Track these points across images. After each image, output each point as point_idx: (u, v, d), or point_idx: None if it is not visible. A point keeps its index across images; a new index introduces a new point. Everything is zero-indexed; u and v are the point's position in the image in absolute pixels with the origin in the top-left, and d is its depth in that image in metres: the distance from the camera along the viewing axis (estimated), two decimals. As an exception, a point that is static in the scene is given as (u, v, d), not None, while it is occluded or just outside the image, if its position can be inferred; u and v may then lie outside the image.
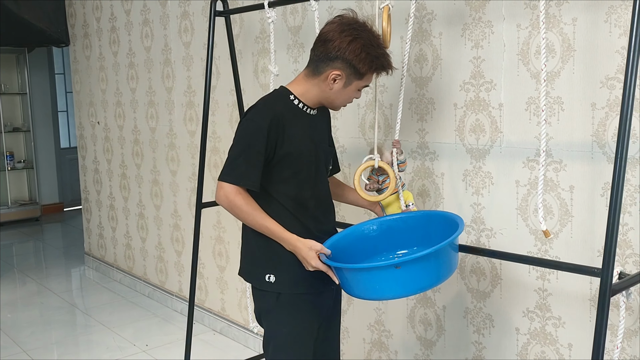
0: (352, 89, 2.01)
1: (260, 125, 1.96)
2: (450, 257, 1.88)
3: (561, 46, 2.06)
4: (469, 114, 2.36)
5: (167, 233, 4.36)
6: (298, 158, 2.02)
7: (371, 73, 1.99)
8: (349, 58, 1.93)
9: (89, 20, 5.01)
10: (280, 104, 2.04)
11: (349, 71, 1.96)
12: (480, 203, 2.37)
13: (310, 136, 2.07)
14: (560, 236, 2.15)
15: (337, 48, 1.94)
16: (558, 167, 2.12)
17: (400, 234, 2.13)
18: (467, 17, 2.32)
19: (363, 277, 1.87)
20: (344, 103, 2.08)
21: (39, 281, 5.17)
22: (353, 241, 2.12)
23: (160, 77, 4.18)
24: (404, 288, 1.84)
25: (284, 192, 2.02)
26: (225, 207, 2.00)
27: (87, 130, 5.31)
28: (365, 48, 1.93)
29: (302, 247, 1.97)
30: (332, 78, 1.97)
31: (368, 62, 1.94)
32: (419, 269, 1.80)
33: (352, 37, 1.93)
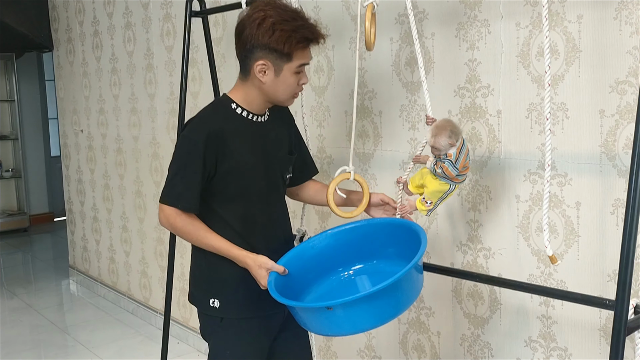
0: (287, 75, 1.81)
1: (195, 143, 1.80)
2: (405, 289, 1.63)
3: (565, 47, 1.85)
4: (464, 121, 2.15)
5: (151, 247, 4.15)
6: (243, 172, 1.85)
7: (297, 50, 1.78)
8: (264, 42, 1.75)
9: (72, 25, 4.82)
10: (219, 116, 1.87)
11: (272, 57, 1.78)
12: (477, 220, 2.16)
13: (259, 146, 1.90)
14: (565, 258, 1.93)
15: (250, 36, 1.77)
16: (563, 181, 1.91)
17: (361, 243, 1.94)
18: (461, 16, 2.11)
19: (302, 314, 1.71)
20: (290, 93, 1.86)
21: (21, 297, 4.95)
22: (311, 256, 1.93)
23: (142, 83, 3.98)
24: (345, 328, 1.64)
25: (230, 210, 1.87)
26: (168, 229, 1.88)
27: (71, 139, 5.10)
28: (278, 25, 1.74)
29: (252, 265, 1.82)
30: (259, 71, 1.80)
31: (285, 39, 1.74)
32: (358, 310, 1.58)
33: (260, 19, 1.76)
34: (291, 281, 1.84)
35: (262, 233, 1.92)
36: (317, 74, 2.69)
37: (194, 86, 3.46)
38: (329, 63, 2.62)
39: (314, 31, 1.79)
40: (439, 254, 2.30)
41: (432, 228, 2.32)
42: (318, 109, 2.71)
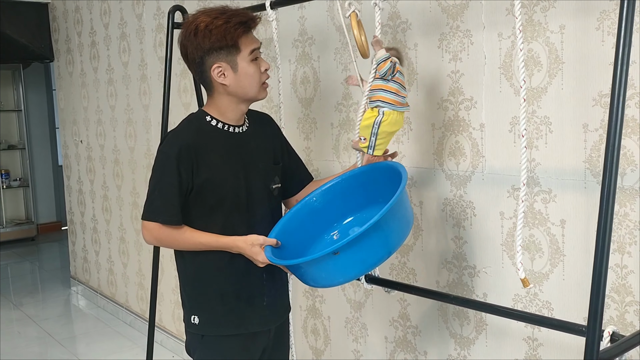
0: (244, 66, 1.82)
1: (169, 156, 1.81)
2: (399, 218, 1.67)
3: (548, 58, 1.77)
4: (447, 135, 2.08)
5: (148, 259, 4.10)
6: (219, 183, 1.84)
7: (239, 36, 1.79)
8: (208, 46, 1.78)
9: (71, 35, 4.81)
10: (192, 129, 1.88)
11: (222, 55, 1.80)
12: (462, 237, 2.08)
13: (236, 157, 1.88)
14: (551, 277, 1.85)
15: (193, 49, 1.81)
16: (547, 198, 1.83)
17: (346, 196, 1.92)
18: (444, 26, 2.04)
19: (308, 270, 1.70)
20: (257, 84, 1.86)
21: (22, 307, 4.94)
22: (302, 220, 1.92)
23: (137, 93, 3.95)
24: (354, 269, 1.67)
25: (210, 221, 1.86)
26: (154, 244, 1.91)
27: (72, 149, 5.09)
28: (210, 25, 1.77)
29: (245, 246, 1.81)
30: (217, 75, 1.81)
31: (223, 32, 1.77)
32: (362, 247, 1.60)
33: (193, 29, 1.80)
34: (286, 251, 1.84)
35: None
36: (303, 85, 2.63)
37: (185, 97, 3.41)
38: (315, 74, 2.56)
39: (245, 14, 1.82)
40: (424, 272, 2.23)
41: (417, 245, 2.25)
42: (304, 121, 2.65)
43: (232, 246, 1.83)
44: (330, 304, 2.68)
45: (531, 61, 1.80)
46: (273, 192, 1.98)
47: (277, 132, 2.08)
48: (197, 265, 1.91)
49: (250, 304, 1.92)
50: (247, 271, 1.90)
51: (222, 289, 1.89)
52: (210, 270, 1.89)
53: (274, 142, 2.04)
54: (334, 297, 2.65)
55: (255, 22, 1.83)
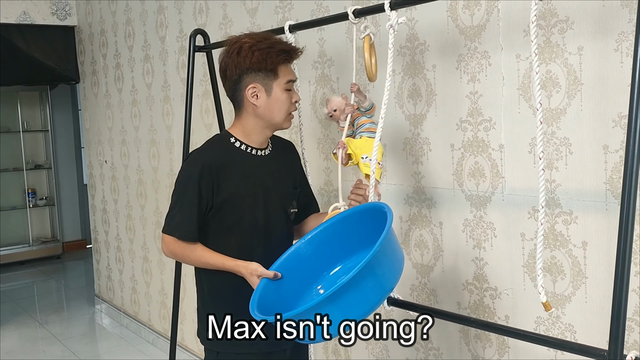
0: (277, 92, 1.87)
1: (191, 175, 1.87)
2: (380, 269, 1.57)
3: (566, 79, 1.77)
4: (467, 156, 2.08)
5: (170, 278, 4.13)
6: (238, 204, 1.89)
7: (279, 63, 1.85)
8: (248, 66, 1.83)
9: (96, 57, 4.91)
10: (215, 149, 1.94)
11: (259, 77, 1.85)
12: (482, 258, 2.07)
13: (257, 179, 1.92)
14: (573, 300, 1.83)
15: (233, 67, 1.86)
16: (568, 219, 1.81)
17: (333, 243, 1.86)
18: (461, 48, 2.04)
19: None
20: (285, 112, 1.90)
21: (47, 326, 5.00)
22: (297, 264, 1.88)
23: (160, 114, 4.01)
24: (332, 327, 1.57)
25: (227, 241, 1.90)
26: (169, 257, 1.97)
27: (96, 169, 5.17)
28: (254, 47, 1.82)
29: (245, 273, 1.84)
30: (251, 95, 1.86)
31: (265, 55, 1.82)
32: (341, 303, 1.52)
33: (237, 48, 1.85)
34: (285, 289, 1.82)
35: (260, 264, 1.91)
36: (323, 106, 2.64)
37: (207, 118, 3.46)
38: (334, 95, 2.57)
39: (289, 46, 1.88)
40: (445, 293, 2.22)
41: (437, 266, 2.24)
42: (324, 141, 2.66)
43: (235, 271, 1.86)
44: (351, 324, 2.67)
45: (549, 82, 1.80)
46: (290, 217, 2.02)
47: (297, 159, 2.14)
48: (213, 284, 1.96)
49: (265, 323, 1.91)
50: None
51: (236, 310, 1.91)
52: (226, 288, 1.93)
53: (294, 168, 2.09)
54: (354, 318, 2.64)
55: (297, 54, 1.89)
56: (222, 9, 3.22)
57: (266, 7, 2.90)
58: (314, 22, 2.17)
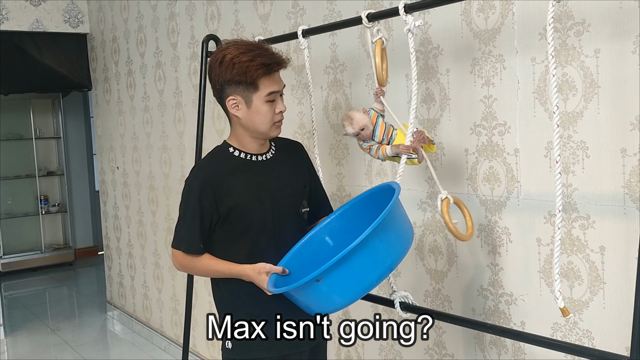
0: (258, 104, 1.84)
1: (192, 188, 1.89)
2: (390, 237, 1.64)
3: (583, 82, 1.75)
4: (481, 160, 2.06)
5: (182, 284, 4.13)
6: (245, 210, 1.89)
7: (259, 77, 1.82)
8: (228, 78, 1.82)
9: (108, 64, 4.93)
10: (214, 161, 1.95)
11: (239, 89, 1.83)
12: (497, 263, 2.05)
13: (261, 184, 1.92)
14: (591, 306, 1.80)
15: (216, 77, 1.85)
16: (585, 224, 1.79)
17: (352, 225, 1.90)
18: (475, 51, 2.03)
19: (301, 296, 1.70)
20: (268, 123, 1.88)
21: (59, 332, 5.01)
22: (312, 251, 1.93)
23: (172, 121, 4.02)
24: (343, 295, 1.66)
25: (237, 248, 1.91)
26: (180, 270, 1.99)
27: (108, 175, 5.19)
28: (235, 58, 1.80)
29: (252, 274, 1.85)
30: (231, 106, 1.86)
31: (245, 69, 1.79)
32: (346, 273, 1.58)
33: (220, 58, 1.83)
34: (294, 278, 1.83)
35: None
36: (335, 111, 2.64)
37: (219, 124, 3.46)
38: (347, 100, 2.57)
39: (272, 57, 1.83)
40: (460, 299, 2.19)
41: (451, 271, 2.22)
42: (336, 147, 2.65)
43: (243, 275, 1.87)
44: (364, 331, 2.65)
45: (566, 85, 1.78)
46: (303, 216, 2.02)
47: (305, 158, 2.12)
48: (229, 291, 1.96)
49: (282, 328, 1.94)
50: (278, 295, 1.90)
51: (253, 314, 1.93)
52: (242, 295, 1.93)
53: (302, 167, 2.08)
54: (367, 324, 2.62)
55: (280, 66, 1.85)
56: (234, 15, 3.22)
57: (278, 12, 2.90)
58: (327, 27, 2.16)
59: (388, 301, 2.05)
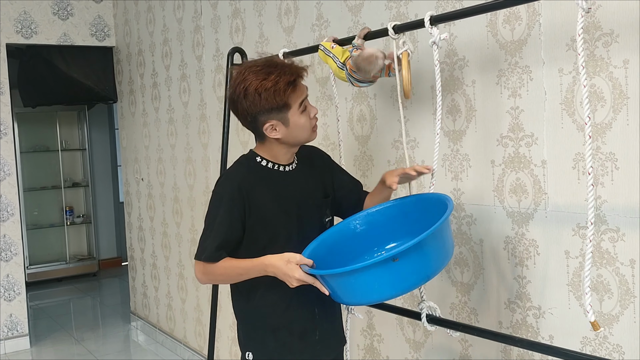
0: (295, 119, 1.85)
1: (222, 198, 1.87)
2: (449, 236, 1.75)
3: (612, 93, 1.73)
4: (508, 172, 2.04)
5: (206, 295, 4.15)
6: (270, 221, 1.88)
7: (288, 95, 1.81)
8: (259, 109, 1.81)
9: (134, 77, 5.00)
10: (242, 170, 1.93)
11: (274, 114, 1.82)
12: (525, 276, 2.03)
13: (288, 195, 1.92)
14: (621, 320, 1.77)
15: (244, 110, 1.83)
16: (615, 237, 1.76)
17: (388, 224, 1.93)
18: (502, 63, 2.02)
19: (357, 280, 1.65)
20: (308, 131, 1.90)
21: (83, 342, 5.05)
22: (336, 243, 1.91)
23: (197, 132, 4.05)
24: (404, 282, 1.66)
25: None
26: (205, 282, 1.95)
27: (133, 187, 5.24)
28: (259, 88, 1.78)
29: (279, 263, 1.78)
30: (270, 131, 1.85)
31: (272, 93, 1.78)
32: (417, 258, 1.61)
33: (243, 91, 1.81)
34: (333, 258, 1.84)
35: None
36: (359, 123, 2.64)
37: (243, 136, 3.48)
38: (371, 112, 2.57)
39: (292, 71, 1.82)
40: (486, 312, 2.17)
41: (478, 284, 2.20)
42: (361, 158, 2.65)
43: (267, 264, 1.80)
44: (388, 343, 2.63)
45: (594, 97, 1.77)
46: (325, 226, 2.02)
47: (325, 162, 2.11)
48: (251, 301, 1.95)
49: (302, 339, 1.94)
50: (299, 305, 1.92)
51: (275, 324, 1.93)
52: (264, 305, 1.93)
53: (323, 175, 2.07)
54: (392, 337, 2.61)
55: (302, 76, 1.85)
56: (259, 28, 3.25)
57: (302, 25, 2.92)
58: (352, 39, 2.16)
59: (414, 314, 2.04)
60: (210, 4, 3.74)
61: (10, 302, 4.85)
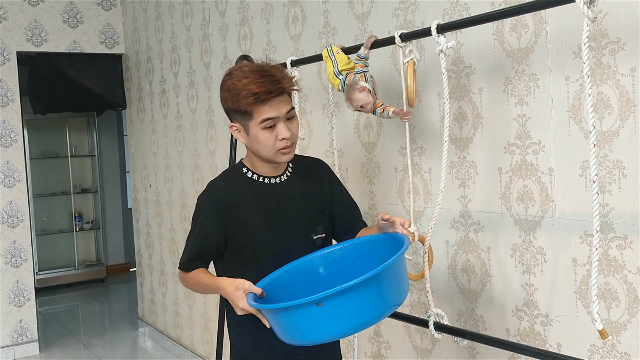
0: (255, 132, 1.77)
1: (200, 209, 1.86)
2: (392, 285, 1.58)
3: (619, 101, 1.73)
4: (515, 179, 2.04)
5: (213, 302, 4.15)
6: (252, 235, 1.83)
7: (252, 106, 1.73)
8: (227, 106, 1.80)
9: (142, 84, 5.03)
10: (226, 182, 1.90)
11: (238, 117, 1.80)
12: (532, 284, 2.02)
13: (272, 208, 1.86)
14: (629, 328, 1.77)
15: (222, 102, 1.82)
16: (622, 244, 1.76)
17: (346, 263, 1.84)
18: (508, 70, 2.03)
19: (285, 319, 1.59)
20: (271, 150, 1.79)
21: (91, 348, 5.07)
22: (297, 276, 1.83)
23: (204, 139, 4.07)
24: (332, 328, 1.55)
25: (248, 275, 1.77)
26: (185, 287, 1.96)
27: (141, 193, 5.26)
28: (231, 87, 1.76)
29: (229, 288, 1.72)
30: (236, 133, 1.83)
31: (235, 96, 1.74)
32: (344, 305, 1.50)
33: (223, 82, 1.80)
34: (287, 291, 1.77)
35: None
36: (366, 130, 2.65)
37: (251, 143, 3.49)
38: (378, 119, 2.58)
39: (263, 85, 1.72)
40: (494, 319, 2.17)
41: (485, 291, 2.19)
42: (368, 165, 2.66)
43: (220, 286, 1.76)
44: (395, 350, 2.63)
45: (601, 104, 1.77)
46: (315, 243, 1.91)
47: (327, 177, 2.01)
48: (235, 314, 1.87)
49: (285, 358, 1.87)
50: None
51: (257, 340, 1.86)
52: (247, 319, 1.79)
53: (322, 189, 1.97)
54: (399, 344, 2.61)
55: (271, 94, 1.73)
56: (266, 36, 3.27)
57: (309, 32, 2.93)
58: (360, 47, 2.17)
59: (422, 321, 2.04)
60: (218, 12, 3.77)
61: (20, 307, 4.88)
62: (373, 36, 2.07)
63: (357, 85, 1.98)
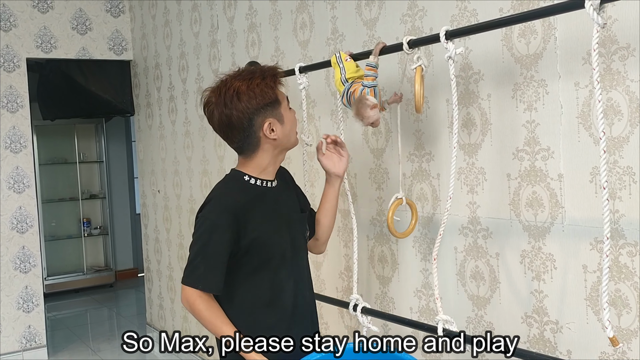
0: (287, 115, 1.90)
1: (215, 223, 1.79)
2: None
3: (628, 107, 1.72)
4: (524, 185, 2.04)
5: (221, 307, 4.16)
6: (267, 242, 1.85)
7: (276, 91, 1.87)
8: (254, 106, 1.81)
9: (151, 90, 5.05)
10: (234, 190, 1.87)
11: (269, 110, 1.84)
12: (542, 290, 2.01)
13: (277, 211, 1.90)
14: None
15: (240, 112, 1.81)
16: (633, 251, 1.75)
17: None
18: (517, 76, 2.02)
19: None
20: (294, 131, 1.95)
21: (99, 353, 5.08)
22: None
23: (212, 145, 4.08)
24: None
25: (257, 281, 1.81)
26: (189, 311, 1.85)
27: (149, 199, 5.28)
28: (250, 86, 1.81)
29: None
30: (269, 130, 1.84)
31: (263, 88, 1.81)
32: None
33: (232, 94, 1.82)
34: None
35: (290, 298, 1.91)
36: (374, 136, 2.65)
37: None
38: (386, 125, 2.58)
39: (273, 69, 1.89)
40: (503, 326, 2.16)
41: (494, 298, 2.18)
42: (376, 171, 2.66)
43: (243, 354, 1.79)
44: (404, 357, 2.62)
45: (611, 110, 1.76)
46: (307, 240, 2.04)
47: (293, 181, 2.15)
48: None
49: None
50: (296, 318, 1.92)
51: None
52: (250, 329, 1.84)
53: (295, 190, 2.11)
54: (408, 350, 2.59)
55: (280, 74, 1.92)
56: (274, 42, 3.28)
57: (317, 38, 2.94)
58: (368, 53, 2.18)
59: (430, 328, 2.03)
60: (226, 19, 3.78)
61: (28, 313, 4.90)
62: (381, 43, 2.07)
63: (368, 102, 1.97)
